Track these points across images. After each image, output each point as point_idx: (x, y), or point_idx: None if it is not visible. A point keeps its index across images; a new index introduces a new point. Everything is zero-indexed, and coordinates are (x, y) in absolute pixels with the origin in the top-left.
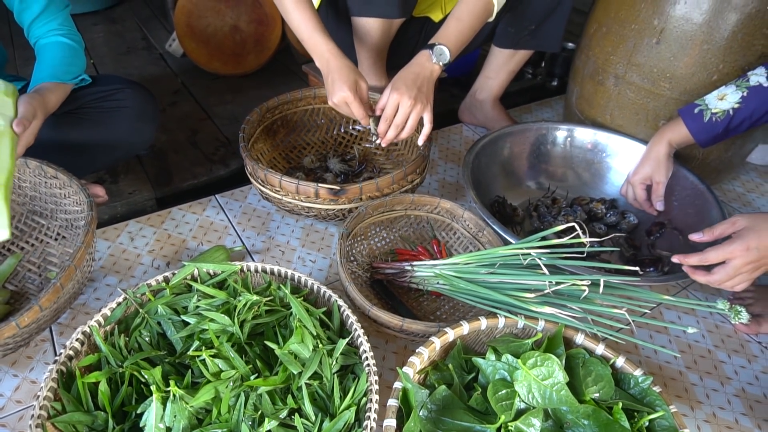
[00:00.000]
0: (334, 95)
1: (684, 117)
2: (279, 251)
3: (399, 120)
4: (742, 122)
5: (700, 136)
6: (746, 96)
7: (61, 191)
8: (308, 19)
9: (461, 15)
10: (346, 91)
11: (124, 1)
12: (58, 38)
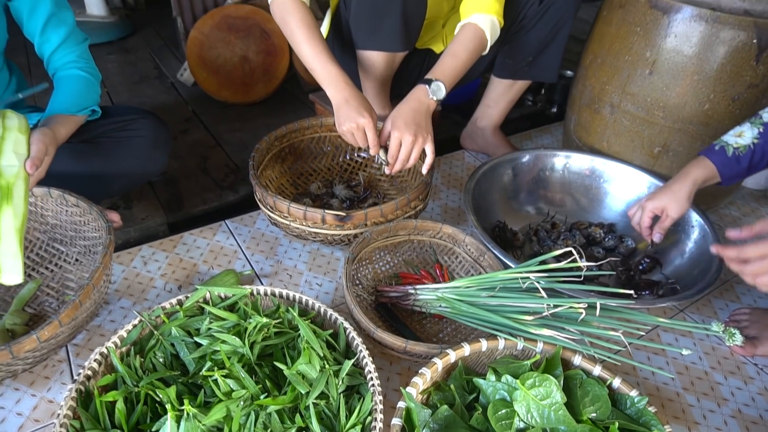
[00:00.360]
0: (351, 121)
1: (709, 156)
2: (287, 275)
3: (403, 156)
4: (763, 156)
5: (725, 170)
6: (763, 132)
7: (81, 219)
8: (321, 51)
9: (457, 51)
10: (367, 117)
11: (137, 32)
12: (75, 71)
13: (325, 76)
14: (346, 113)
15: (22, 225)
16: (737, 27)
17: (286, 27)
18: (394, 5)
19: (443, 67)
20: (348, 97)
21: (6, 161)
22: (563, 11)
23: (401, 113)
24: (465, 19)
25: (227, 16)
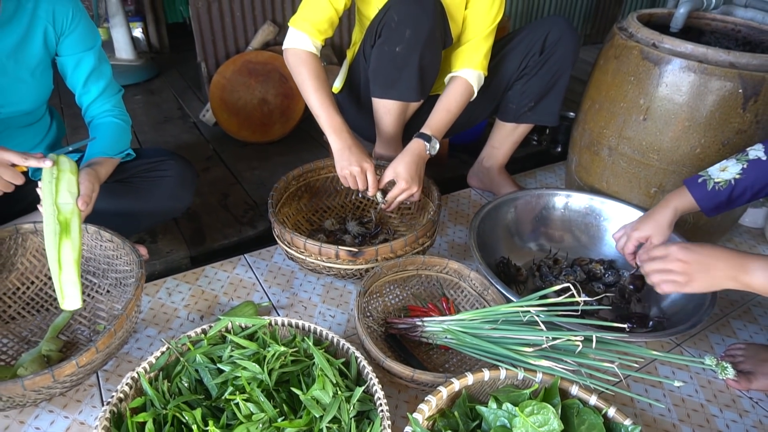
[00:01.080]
0: (355, 165)
1: (689, 186)
2: (302, 306)
3: (401, 200)
4: (744, 192)
5: (704, 203)
6: (746, 168)
7: (114, 253)
8: (327, 102)
9: (450, 107)
10: (369, 163)
11: (162, 74)
12: (110, 119)
13: (330, 123)
14: (349, 158)
15: (78, 256)
16: (724, 78)
17: (298, 75)
18: (412, 60)
19: (438, 122)
20: (351, 145)
21: (62, 199)
22: (562, 62)
23: (405, 166)
24: (456, 72)
25: (248, 61)
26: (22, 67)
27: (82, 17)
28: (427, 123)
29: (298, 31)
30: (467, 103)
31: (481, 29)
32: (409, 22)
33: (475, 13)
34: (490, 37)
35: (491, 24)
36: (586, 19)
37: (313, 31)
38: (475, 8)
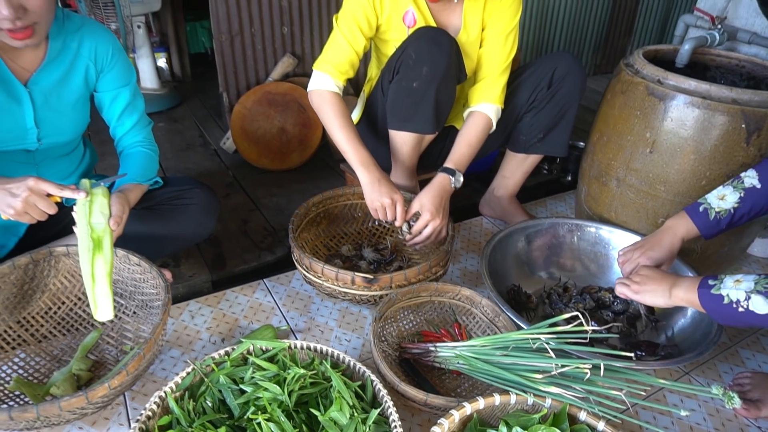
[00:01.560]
0: (385, 197)
1: (691, 215)
2: (319, 330)
3: (427, 234)
4: (741, 217)
5: (706, 231)
6: (743, 196)
7: (141, 276)
8: (353, 138)
9: (471, 141)
10: (398, 195)
11: (184, 102)
12: (140, 149)
13: (358, 158)
14: (379, 191)
15: (110, 270)
16: (727, 113)
17: (323, 114)
18: (428, 95)
19: (461, 156)
20: (380, 178)
21: (95, 219)
22: (569, 96)
23: (430, 198)
24: (475, 106)
25: (268, 92)
26: (63, 102)
27: (121, 56)
28: (450, 157)
29: (321, 73)
30: (487, 133)
31: (496, 66)
32: (426, 60)
33: (490, 52)
34: (505, 72)
35: (505, 61)
36: (596, 49)
37: (335, 72)
38: (489, 47)
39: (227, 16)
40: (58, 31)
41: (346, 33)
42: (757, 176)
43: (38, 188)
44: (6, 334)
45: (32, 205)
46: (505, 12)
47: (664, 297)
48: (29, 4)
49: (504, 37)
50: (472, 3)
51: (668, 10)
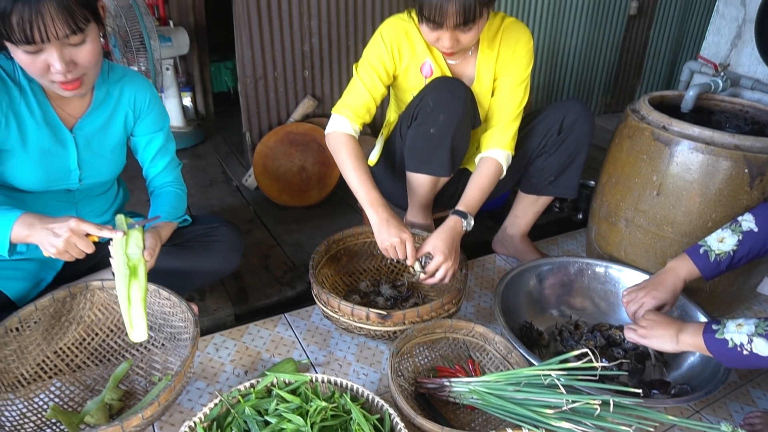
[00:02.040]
0: (394, 236)
1: (692, 258)
2: (338, 364)
3: (440, 275)
4: (740, 259)
5: (707, 272)
6: (742, 239)
7: (170, 310)
8: (366, 179)
9: (482, 185)
10: (408, 234)
11: (207, 140)
12: (170, 188)
13: (368, 199)
14: (388, 230)
15: (144, 295)
16: (730, 159)
17: (338, 156)
18: (444, 141)
19: (472, 200)
20: (389, 218)
21: (131, 250)
22: (578, 142)
23: (443, 240)
24: (486, 152)
25: (289, 132)
26: (104, 146)
27: (157, 103)
28: (462, 200)
29: (339, 117)
30: (498, 178)
31: (508, 114)
32: (443, 108)
33: (502, 101)
34: (516, 120)
35: (516, 109)
36: (606, 89)
37: (352, 116)
38: (501, 96)
39: (252, 61)
40: (102, 81)
41: (365, 80)
42: (754, 220)
43: (79, 229)
44: (44, 363)
45: (72, 245)
46: (517, 64)
47: (671, 342)
48: (79, 58)
49: (515, 87)
50: (486, 55)
51: (676, 52)
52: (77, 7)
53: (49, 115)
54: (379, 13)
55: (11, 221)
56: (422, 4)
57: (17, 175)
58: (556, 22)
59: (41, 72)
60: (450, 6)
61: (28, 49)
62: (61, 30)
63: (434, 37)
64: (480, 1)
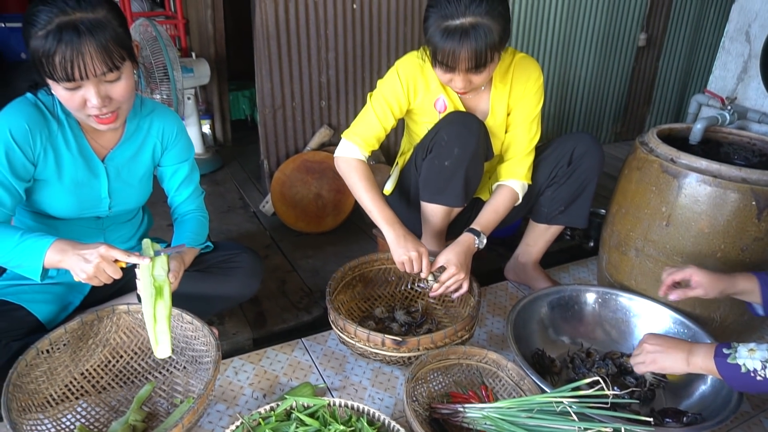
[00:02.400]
0: (411, 250)
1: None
2: (353, 389)
3: (451, 285)
4: None
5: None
6: None
7: (193, 333)
8: (378, 199)
9: (497, 208)
10: (423, 248)
11: (225, 166)
12: (194, 215)
13: (382, 217)
14: (405, 245)
15: (169, 314)
16: (738, 191)
17: (349, 179)
18: (458, 173)
19: (487, 220)
20: (404, 234)
21: (157, 272)
22: (588, 172)
23: (455, 254)
24: (503, 181)
25: (306, 160)
26: (133, 175)
27: (184, 135)
28: (477, 220)
29: (349, 143)
30: (513, 204)
31: (523, 149)
32: (458, 142)
33: (517, 136)
34: (531, 154)
35: (531, 144)
36: (616, 118)
37: (362, 144)
38: (515, 132)
39: (271, 92)
40: (134, 114)
41: (377, 111)
42: None
43: (108, 255)
44: (71, 384)
45: (102, 271)
46: (529, 101)
47: (682, 364)
48: (114, 93)
49: (528, 123)
50: (499, 90)
51: (685, 82)
52: (114, 47)
53: (84, 147)
54: (393, 48)
55: (45, 247)
56: (436, 49)
57: (51, 204)
58: (566, 54)
59: (78, 106)
60: (462, 52)
61: (68, 85)
62: (99, 68)
63: (447, 79)
64: (491, 47)
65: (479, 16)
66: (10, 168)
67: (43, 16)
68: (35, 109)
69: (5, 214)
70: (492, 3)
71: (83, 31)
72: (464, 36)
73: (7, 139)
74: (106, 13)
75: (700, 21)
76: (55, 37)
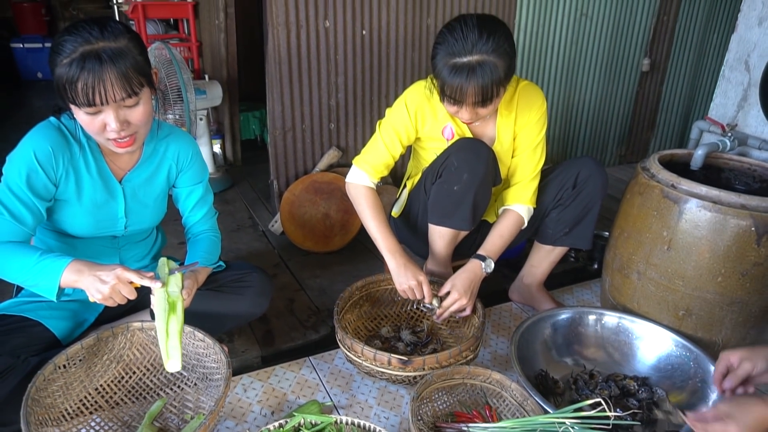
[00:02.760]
0: (411, 279)
1: None
2: (359, 407)
3: (454, 310)
4: None
5: None
6: None
7: (204, 351)
8: (383, 227)
9: (503, 233)
10: (423, 277)
11: (235, 185)
12: (207, 235)
13: (386, 245)
14: (405, 274)
15: (181, 329)
16: (737, 217)
17: (358, 205)
18: (467, 198)
19: (493, 246)
20: (405, 263)
21: (171, 289)
22: (592, 195)
23: (461, 280)
24: (509, 206)
25: (314, 181)
26: (148, 196)
27: (198, 158)
28: (483, 246)
29: (359, 170)
30: (519, 229)
31: (528, 174)
32: (467, 168)
33: (522, 162)
34: (536, 179)
35: (535, 169)
36: (621, 141)
37: (371, 171)
38: (521, 157)
39: (282, 115)
40: (151, 137)
41: (386, 139)
42: None
43: (123, 277)
44: (86, 399)
45: (117, 292)
46: (533, 129)
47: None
48: (132, 118)
49: (533, 149)
50: (504, 117)
51: (689, 107)
52: (134, 75)
53: (103, 169)
54: (401, 73)
55: (62, 267)
56: (444, 84)
57: (71, 223)
58: (571, 78)
59: (98, 130)
60: (469, 88)
61: (89, 110)
62: (119, 94)
63: (454, 111)
64: (496, 83)
65: (486, 54)
66: (33, 188)
67: (68, 45)
68: (58, 132)
69: (25, 232)
70: (498, 41)
71: (105, 59)
72: (471, 73)
73: (31, 161)
74: (128, 42)
75: (702, 47)
76: (78, 65)
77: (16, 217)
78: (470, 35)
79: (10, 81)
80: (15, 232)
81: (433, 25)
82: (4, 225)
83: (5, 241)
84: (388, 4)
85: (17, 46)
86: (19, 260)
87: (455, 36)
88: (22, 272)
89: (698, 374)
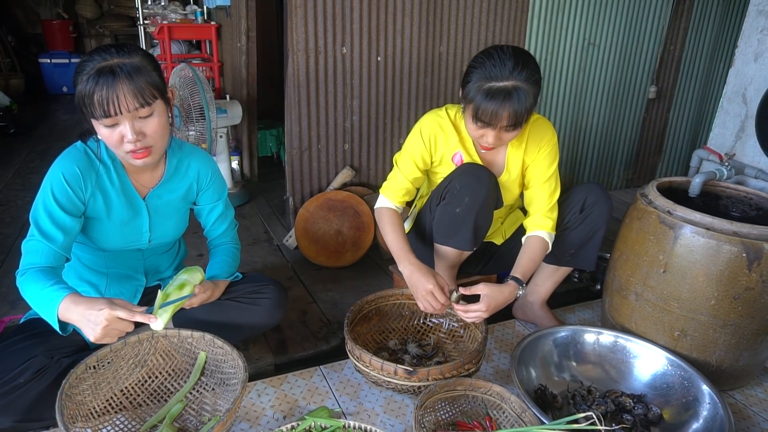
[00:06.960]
0: (426, 284)
1: None
2: (366, 415)
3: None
4: None
5: None
6: None
7: (222, 357)
8: (401, 240)
9: (534, 257)
10: (432, 282)
11: (251, 200)
12: (228, 246)
13: (401, 255)
14: (417, 278)
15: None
16: (730, 243)
17: (382, 224)
18: (468, 220)
19: (526, 270)
20: (419, 268)
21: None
22: (598, 220)
23: (496, 301)
24: (533, 233)
25: (329, 198)
26: (171, 211)
27: (218, 177)
28: (518, 270)
29: (384, 197)
30: (545, 253)
31: (545, 204)
32: (469, 191)
33: (537, 193)
34: (554, 208)
35: (552, 199)
36: (628, 165)
37: (394, 197)
38: (535, 189)
39: (299, 135)
40: (173, 156)
41: (403, 169)
42: None
43: (112, 317)
44: (112, 400)
45: (111, 330)
46: (544, 161)
47: None
48: (147, 129)
49: (545, 181)
50: (515, 148)
51: (696, 132)
52: (146, 86)
53: (127, 186)
54: (414, 97)
55: (57, 301)
56: (478, 108)
57: (100, 238)
58: (579, 103)
59: (117, 143)
60: (503, 112)
61: (107, 122)
62: (132, 104)
63: (480, 134)
64: (527, 110)
65: (521, 81)
66: (63, 206)
67: (88, 64)
68: (84, 155)
69: (55, 252)
70: (531, 70)
71: (118, 72)
72: (507, 98)
73: (60, 182)
74: (141, 59)
75: (708, 76)
76: (94, 79)
77: (47, 235)
78: (508, 62)
79: (37, 94)
80: (44, 252)
81: (444, 53)
82: (34, 246)
83: (33, 266)
84: (402, 32)
85: (45, 61)
86: (32, 289)
87: (492, 62)
88: (32, 299)
89: (692, 393)
